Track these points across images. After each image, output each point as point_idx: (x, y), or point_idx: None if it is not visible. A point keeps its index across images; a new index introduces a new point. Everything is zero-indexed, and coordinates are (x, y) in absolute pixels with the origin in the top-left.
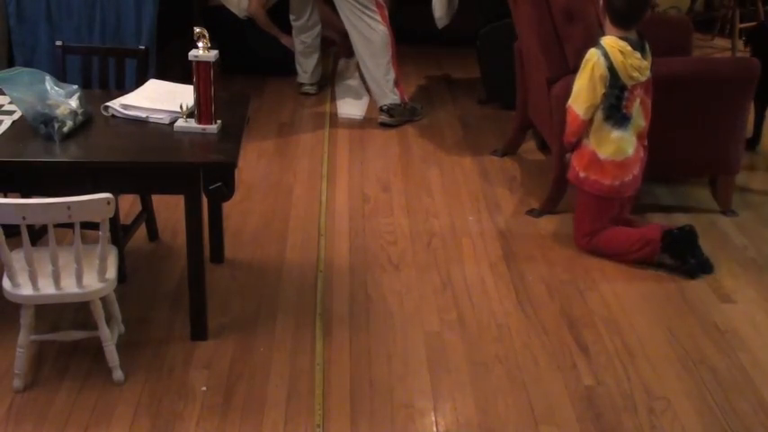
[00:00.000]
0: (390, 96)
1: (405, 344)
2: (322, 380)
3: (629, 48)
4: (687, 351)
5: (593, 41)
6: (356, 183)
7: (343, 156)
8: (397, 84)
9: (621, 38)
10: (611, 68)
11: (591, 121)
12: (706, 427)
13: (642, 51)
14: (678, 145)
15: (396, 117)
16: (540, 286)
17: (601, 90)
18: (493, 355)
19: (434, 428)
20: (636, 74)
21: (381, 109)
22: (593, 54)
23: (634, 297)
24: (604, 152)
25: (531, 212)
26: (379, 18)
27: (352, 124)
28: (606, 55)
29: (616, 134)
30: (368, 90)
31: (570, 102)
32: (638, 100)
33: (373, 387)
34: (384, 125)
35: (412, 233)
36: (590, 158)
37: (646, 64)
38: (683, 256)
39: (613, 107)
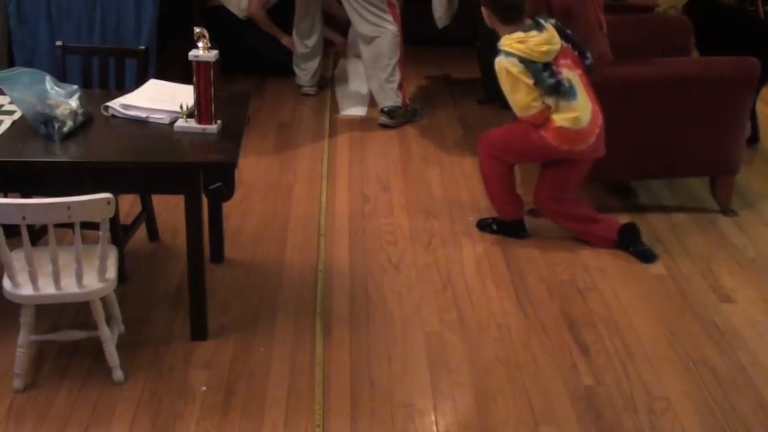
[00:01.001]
0: (393, 98)
1: (405, 344)
2: (322, 379)
3: (522, 34)
4: (687, 351)
5: (593, 41)
6: (356, 183)
7: (343, 156)
8: (400, 86)
9: (512, 32)
10: (523, 60)
11: (549, 106)
12: (706, 427)
13: (537, 28)
14: (678, 145)
15: (396, 119)
16: (540, 286)
17: (529, 80)
18: (493, 355)
19: (434, 428)
20: (545, 47)
21: (382, 110)
22: (498, 63)
23: (634, 297)
24: (565, 122)
25: (531, 212)
26: (390, 18)
27: (352, 124)
28: (508, 53)
29: (571, 105)
30: (369, 90)
31: (519, 114)
32: (565, 69)
33: (373, 387)
34: (384, 126)
35: (412, 233)
36: (552, 128)
37: (547, 35)
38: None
39: (554, 85)
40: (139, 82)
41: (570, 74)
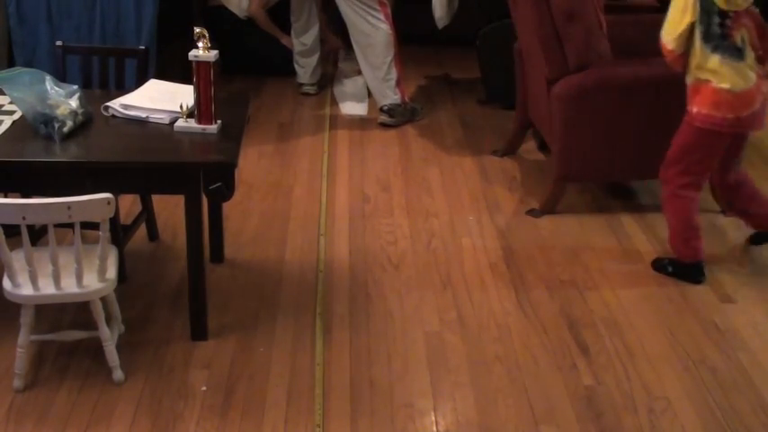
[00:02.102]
0: (391, 97)
1: (405, 344)
2: (322, 379)
3: None
4: (687, 351)
5: (593, 41)
6: (356, 183)
7: (343, 156)
8: (398, 84)
9: None
10: None
11: (689, 54)
12: (706, 427)
13: None
14: None
15: (396, 117)
16: (540, 286)
17: (687, 18)
18: (493, 355)
19: (434, 428)
20: None
21: (382, 109)
22: None
23: (634, 297)
24: (720, 82)
25: (531, 212)
26: (381, 17)
27: (352, 124)
28: None
29: (730, 64)
30: (369, 90)
31: (662, 33)
32: (743, 30)
33: (373, 387)
34: (384, 125)
35: (412, 233)
36: (705, 92)
37: None
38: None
39: (717, 36)
40: (139, 82)
41: (746, 36)
